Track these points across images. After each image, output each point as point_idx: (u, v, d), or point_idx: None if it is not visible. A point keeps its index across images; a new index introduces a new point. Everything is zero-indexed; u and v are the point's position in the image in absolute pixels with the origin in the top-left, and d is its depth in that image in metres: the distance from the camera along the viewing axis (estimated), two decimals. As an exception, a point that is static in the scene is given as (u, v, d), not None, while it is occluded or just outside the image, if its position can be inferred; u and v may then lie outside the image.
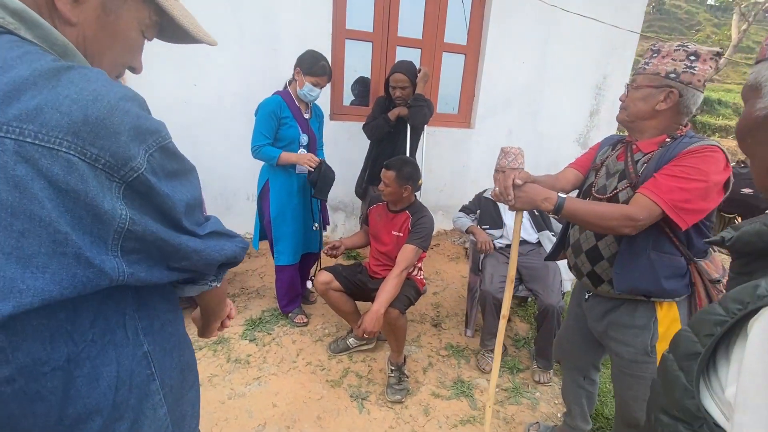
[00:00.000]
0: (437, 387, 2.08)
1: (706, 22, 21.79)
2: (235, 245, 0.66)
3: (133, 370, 0.58)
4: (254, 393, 1.92)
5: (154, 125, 0.52)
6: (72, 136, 0.43)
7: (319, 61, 2.15)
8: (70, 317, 0.50)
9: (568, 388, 1.67)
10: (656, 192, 1.09)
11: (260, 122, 2.15)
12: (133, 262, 0.51)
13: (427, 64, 3.38)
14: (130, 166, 0.47)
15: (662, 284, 1.16)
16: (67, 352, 0.50)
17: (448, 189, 3.76)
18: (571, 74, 3.76)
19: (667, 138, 1.19)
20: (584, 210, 1.15)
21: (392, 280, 1.86)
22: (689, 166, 1.08)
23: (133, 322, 0.59)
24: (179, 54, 2.79)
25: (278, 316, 2.51)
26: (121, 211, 0.47)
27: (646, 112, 1.18)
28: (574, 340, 1.52)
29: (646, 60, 1.19)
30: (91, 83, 0.46)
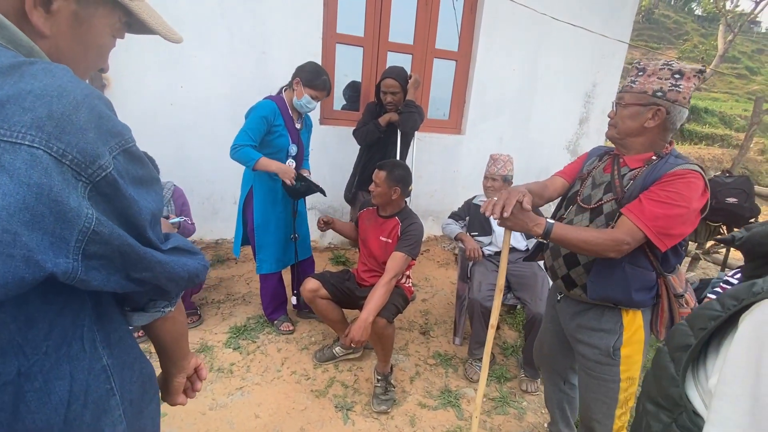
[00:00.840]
0: (424, 397, 2.05)
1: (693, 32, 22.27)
2: (197, 262, 0.62)
3: (90, 384, 0.55)
4: (236, 403, 1.87)
5: (118, 127, 0.49)
6: (36, 130, 0.41)
7: (320, 76, 2.11)
8: (22, 329, 0.47)
9: (549, 394, 1.70)
10: (641, 218, 1.14)
11: (250, 123, 2.07)
12: (91, 268, 0.48)
13: (417, 70, 3.38)
14: (98, 164, 0.45)
15: (632, 295, 1.23)
16: (17, 366, 0.47)
17: (438, 195, 3.75)
18: (561, 82, 3.78)
19: (654, 156, 1.23)
20: (572, 236, 1.18)
21: (381, 288, 1.84)
22: (673, 192, 1.12)
23: (90, 334, 0.56)
24: (166, 55, 2.75)
25: (263, 324, 2.46)
26: (87, 210, 0.44)
27: (635, 129, 1.22)
28: (552, 342, 1.56)
29: (632, 78, 1.22)
30: (56, 79, 0.44)
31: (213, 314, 2.53)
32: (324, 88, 2.13)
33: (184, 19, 2.73)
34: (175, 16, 2.69)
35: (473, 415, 1.57)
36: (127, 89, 2.73)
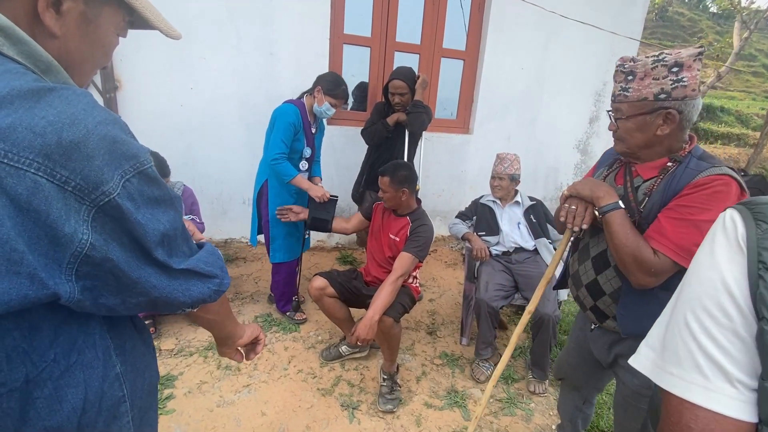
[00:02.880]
0: (430, 397, 2.04)
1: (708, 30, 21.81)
2: (206, 287, 0.62)
3: (104, 392, 0.57)
4: (243, 401, 1.89)
5: (132, 150, 0.51)
6: (43, 157, 0.43)
7: (340, 85, 2.25)
8: (26, 336, 0.48)
9: (565, 406, 1.63)
10: (664, 243, 1.00)
11: (281, 131, 2.16)
12: (86, 288, 0.49)
13: (425, 70, 3.37)
14: (102, 190, 0.46)
15: None
16: (25, 373, 0.48)
17: (446, 194, 3.74)
18: (570, 81, 3.74)
19: (669, 162, 1.08)
20: (620, 230, 1.04)
21: (387, 287, 1.83)
22: (698, 207, 0.97)
23: (104, 342, 0.57)
24: (176, 57, 2.79)
25: (271, 322, 2.48)
26: (83, 236, 0.46)
27: (647, 140, 1.07)
28: (576, 364, 1.45)
29: (622, 85, 1.08)
30: (70, 107, 0.46)
31: (221, 313, 2.55)
32: (343, 97, 2.28)
33: (193, 21, 2.77)
34: (184, 19, 2.73)
35: (475, 415, 1.55)
36: (138, 90, 2.78)
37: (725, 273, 0.45)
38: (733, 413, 0.43)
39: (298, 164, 2.28)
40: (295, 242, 2.42)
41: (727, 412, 0.43)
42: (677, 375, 0.47)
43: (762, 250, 0.42)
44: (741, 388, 0.43)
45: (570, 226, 1.16)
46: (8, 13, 0.49)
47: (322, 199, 2.23)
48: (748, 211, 0.46)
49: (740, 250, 0.45)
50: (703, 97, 10.27)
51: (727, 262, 0.45)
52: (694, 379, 0.45)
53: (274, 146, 2.16)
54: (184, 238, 0.60)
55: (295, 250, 2.44)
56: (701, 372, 0.45)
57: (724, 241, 0.47)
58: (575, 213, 1.15)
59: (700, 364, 0.45)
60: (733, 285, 0.44)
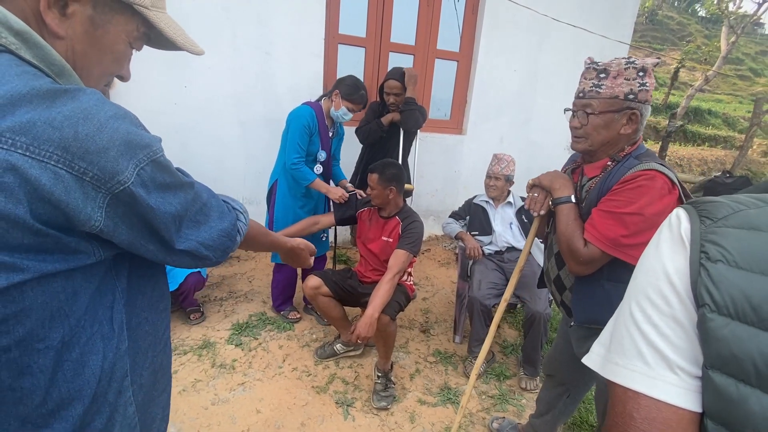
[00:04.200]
0: (424, 394, 2.07)
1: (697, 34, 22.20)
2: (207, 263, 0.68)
3: (116, 363, 0.60)
4: (238, 399, 1.90)
5: (145, 140, 0.54)
6: (62, 150, 0.46)
7: (359, 90, 2.23)
8: (70, 299, 0.53)
9: (547, 397, 1.66)
10: (594, 234, 1.08)
11: (296, 134, 2.16)
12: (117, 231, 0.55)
13: (419, 70, 3.40)
14: (117, 180, 0.50)
15: None
16: (62, 334, 0.53)
17: (439, 194, 3.77)
18: (561, 83, 3.80)
19: (609, 161, 1.15)
20: (563, 220, 1.15)
21: (385, 285, 1.86)
22: (623, 200, 1.05)
23: (119, 317, 0.61)
24: (170, 55, 2.77)
25: (265, 321, 2.49)
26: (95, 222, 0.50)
27: (610, 138, 1.13)
28: (564, 360, 1.50)
29: (595, 81, 1.12)
30: (82, 103, 0.49)
31: (215, 311, 2.56)
32: (361, 102, 2.26)
33: (188, 19, 2.76)
34: (179, 16, 2.71)
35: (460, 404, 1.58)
36: (131, 89, 2.76)
37: (667, 263, 0.46)
38: (674, 400, 0.42)
39: (313, 168, 2.28)
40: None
41: (669, 400, 0.42)
42: (621, 365, 0.47)
43: (704, 242, 0.43)
44: (683, 375, 0.43)
45: (532, 211, 1.26)
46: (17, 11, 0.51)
47: (341, 200, 2.25)
48: (693, 209, 0.47)
49: (682, 243, 0.45)
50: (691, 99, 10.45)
51: (669, 254, 0.46)
52: (637, 366, 0.46)
53: (290, 151, 2.17)
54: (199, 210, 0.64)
55: None
56: (643, 359, 0.45)
57: (668, 235, 0.48)
58: (536, 200, 1.26)
59: (642, 351, 0.45)
60: (673, 274, 0.45)
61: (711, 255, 0.42)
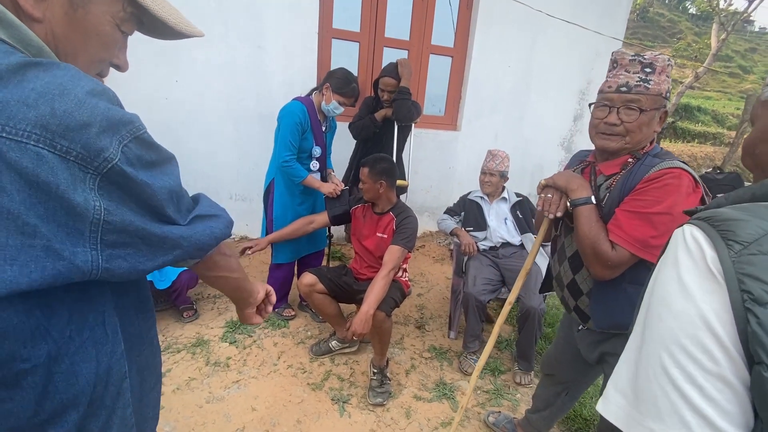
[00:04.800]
0: (419, 389, 2.07)
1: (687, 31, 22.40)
2: (221, 223, 0.64)
3: (111, 367, 0.59)
4: (233, 397, 1.88)
5: (126, 116, 0.51)
6: (40, 129, 0.43)
7: (350, 83, 2.17)
8: (46, 315, 0.50)
9: (545, 395, 1.66)
10: (621, 235, 1.04)
11: (287, 132, 2.12)
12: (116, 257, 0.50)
13: (413, 66, 3.38)
14: (103, 157, 0.47)
15: None
16: (47, 350, 0.51)
17: (434, 190, 3.77)
18: (556, 79, 3.81)
19: (630, 158, 1.12)
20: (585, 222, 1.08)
21: (380, 281, 1.85)
22: (650, 200, 1.02)
23: (112, 320, 0.59)
24: (160, 48, 2.73)
25: (260, 318, 2.47)
26: (95, 203, 0.47)
27: (647, 137, 1.10)
28: (565, 360, 1.49)
29: (641, 77, 1.06)
30: (56, 78, 0.46)
31: (209, 309, 2.53)
32: (352, 96, 2.20)
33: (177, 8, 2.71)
34: (170, 9, 2.67)
35: (461, 404, 1.59)
36: (120, 83, 2.68)
37: (702, 306, 0.38)
38: None
39: (309, 164, 2.25)
40: (299, 244, 2.39)
41: None
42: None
43: (743, 276, 0.36)
44: None
45: (546, 213, 1.20)
46: None
47: (334, 195, 2.22)
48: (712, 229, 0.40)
49: (714, 277, 0.38)
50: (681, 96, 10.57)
51: (701, 293, 0.39)
52: None
53: (281, 148, 2.13)
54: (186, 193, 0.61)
55: (297, 251, 2.42)
56: (688, 428, 0.38)
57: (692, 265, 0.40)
58: (551, 201, 1.19)
59: (686, 419, 0.38)
60: (714, 321, 0.37)
61: (757, 296, 0.35)
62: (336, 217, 2.25)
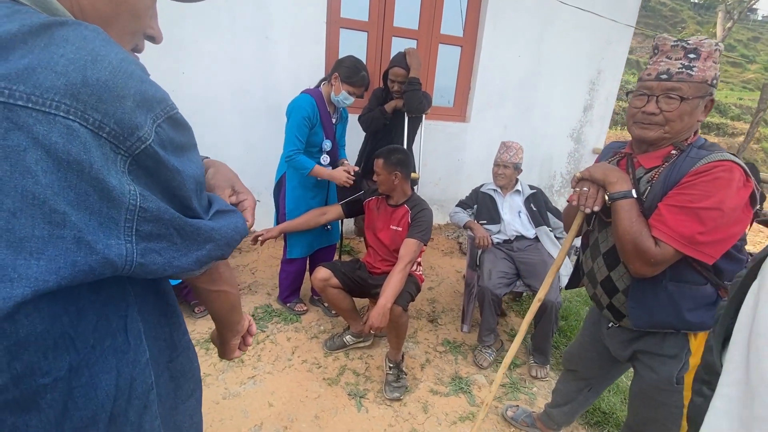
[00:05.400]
0: (435, 384, 2.06)
1: (690, 20, 22.19)
2: (241, 219, 0.60)
3: (135, 378, 0.53)
4: (249, 392, 1.87)
5: (160, 93, 0.46)
6: (70, 98, 0.37)
7: (359, 72, 2.08)
8: (74, 321, 0.45)
9: (565, 389, 1.63)
10: (666, 232, 0.98)
11: (295, 126, 2.06)
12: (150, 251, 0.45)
13: (423, 56, 3.32)
14: (138, 136, 0.42)
15: (686, 317, 1.05)
16: (69, 361, 0.45)
17: (442, 183, 3.73)
18: (565, 69, 3.75)
19: (674, 150, 1.06)
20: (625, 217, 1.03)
21: (397, 275, 1.83)
22: (699, 194, 0.96)
23: (135, 325, 0.53)
24: (166, 40, 2.65)
25: (272, 313, 2.45)
26: (130, 187, 0.42)
27: (689, 126, 1.04)
28: (590, 357, 1.45)
29: (685, 63, 1.01)
30: (88, 42, 0.40)
31: (220, 304, 2.51)
32: (362, 85, 2.12)
33: (184, 3, 2.64)
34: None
35: (485, 402, 1.57)
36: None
37: None
38: None
39: (319, 158, 2.20)
40: (312, 238, 2.36)
41: None
42: None
43: None
44: None
45: (582, 207, 1.15)
46: None
47: (346, 183, 2.15)
48: None
49: None
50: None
51: None
52: None
53: (287, 143, 2.08)
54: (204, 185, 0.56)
55: (310, 245, 2.39)
56: None
57: None
58: (587, 194, 1.14)
59: None
60: None
61: None
62: (349, 208, 2.22)
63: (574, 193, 1.18)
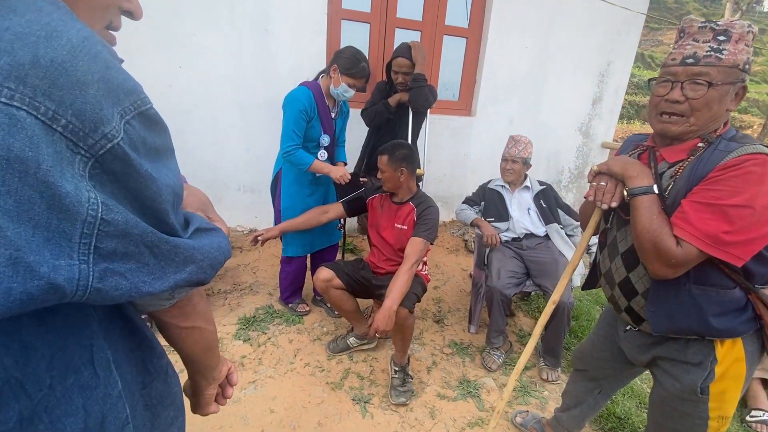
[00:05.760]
0: (442, 387, 1.99)
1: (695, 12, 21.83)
2: (225, 239, 0.51)
3: (106, 415, 0.45)
4: (250, 398, 1.80)
5: (131, 82, 0.38)
6: (16, 81, 0.30)
7: (359, 63, 1.98)
8: (20, 362, 0.36)
9: (575, 391, 1.56)
10: (687, 229, 0.91)
11: (291, 120, 1.98)
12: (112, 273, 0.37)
13: (427, 48, 3.22)
14: (102, 133, 0.34)
15: (711, 323, 0.97)
16: (19, 410, 0.37)
17: (447, 179, 3.64)
18: (573, 60, 3.64)
19: (701, 143, 0.97)
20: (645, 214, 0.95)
21: (403, 276, 1.75)
22: (727, 190, 0.87)
23: (102, 355, 0.45)
24: (162, 34, 2.59)
25: (273, 314, 2.38)
26: (89, 194, 0.34)
27: (718, 115, 0.95)
28: (603, 358, 1.37)
29: (713, 45, 0.92)
30: (43, 14, 0.33)
31: (220, 305, 2.45)
32: (362, 76, 2.02)
33: (180, -7, 2.56)
34: (171, -10, 2.52)
35: (496, 409, 1.50)
36: (122, 70, 2.58)
37: None
38: None
39: (316, 154, 2.12)
40: (311, 237, 2.28)
41: None
42: None
43: None
44: None
45: (599, 204, 1.07)
46: None
47: (343, 180, 2.07)
48: None
49: None
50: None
51: None
52: None
53: (284, 138, 1.99)
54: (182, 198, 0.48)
55: (310, 244, 2.31)
56: None
57: None
58: (605, 189, 1.06)
59: None
60: None
61: None
62: (351, 207, 2.14)
63: (591, 188, 1.11)
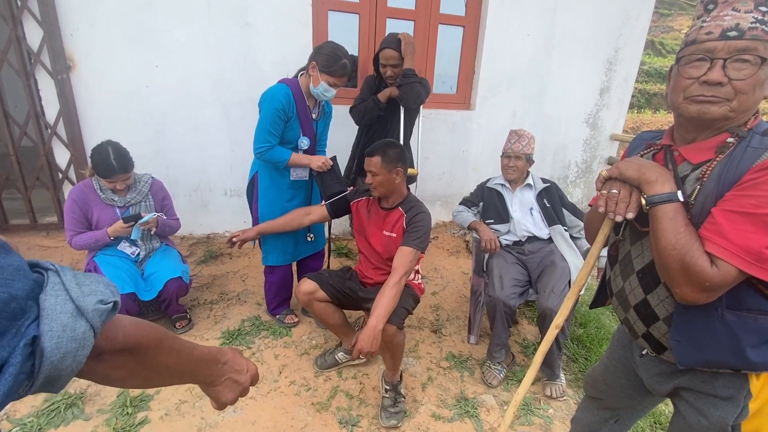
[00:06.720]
0: (438, 406, 1.83)
1: (709, -6, 21.07)
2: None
3: None
4: (228, 422, 1.67)
5: None
6: None
7: (339, 59, 1.84)
8: None
9: (586, 419, 1.37)
10: (723, 245, 0.75)
11: (267, 119, 1.83)
12: None
13: (421, 38, 3.04)
14: None
15: (749, 356, 0.82)
16: None
17: (446, 177, 3.46)
18: (579, 48, 3.41)
19: (730, 138, 0.82)
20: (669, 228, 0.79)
21: (389, 290, 1.59)
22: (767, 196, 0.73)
23: None
24: (137, 31, 2.45)
25: (259, 326, 2.25)
26: None
27: (755, 104, 0.81)
28: (618, 385, 1.21)
29: (757, 17, 0.76)
30: None
31: (204, 317, 2.32)
32: (343, 74, 1.87)
33: (154, -13, 2.41)
34: (144, -17, 2.37)
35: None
36: (95, 71, 2.45)
37: None
38: None
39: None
40: (292, 245, 2.14)
41: None
42: None
43: None
44: None
45: (611, 215, 0.89)
46: None
47: (324, 167, 1.94)
48: None
49: None
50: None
51: None
52: None
53: (258, 137, 1.84)
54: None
55: (289, 253, 2.17)
56: None
57: None
58: (617, 198, 0.88)
59: None
60: None
61: None
62: (335, 208, 1.97)
63: (600, 197, 0.92)
